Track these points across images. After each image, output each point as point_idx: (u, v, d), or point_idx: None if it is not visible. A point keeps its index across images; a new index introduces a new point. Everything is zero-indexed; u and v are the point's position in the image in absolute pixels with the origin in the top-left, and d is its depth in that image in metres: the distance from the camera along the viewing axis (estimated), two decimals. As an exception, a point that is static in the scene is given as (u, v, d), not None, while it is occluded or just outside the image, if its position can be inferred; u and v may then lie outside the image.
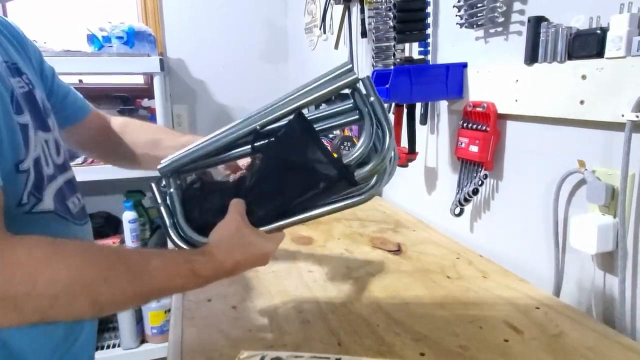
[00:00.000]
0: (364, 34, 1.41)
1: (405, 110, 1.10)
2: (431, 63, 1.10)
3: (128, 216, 1.90)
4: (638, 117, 0.62)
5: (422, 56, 1.09)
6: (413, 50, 1.18)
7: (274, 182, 0.61)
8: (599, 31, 0.67)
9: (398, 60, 1.18)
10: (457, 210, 1.03)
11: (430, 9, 1.05)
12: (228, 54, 2.34)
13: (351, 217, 1.23)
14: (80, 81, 2.12)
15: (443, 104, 1.11)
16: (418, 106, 1.13)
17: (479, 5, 0.89)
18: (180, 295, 0.78)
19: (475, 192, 0.97)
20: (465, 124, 0.97)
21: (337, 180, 0.58)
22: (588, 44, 0.69)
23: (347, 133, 1.36)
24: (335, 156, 0.58)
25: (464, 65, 0.98)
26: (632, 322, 0.69)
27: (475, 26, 0.93)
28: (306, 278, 0.86)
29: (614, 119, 0.66)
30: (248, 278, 0.85)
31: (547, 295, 0.78)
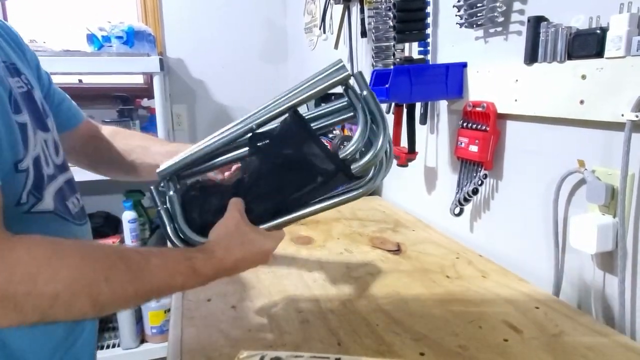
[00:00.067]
0: (364, 34, 1.42)
1: (405, 110, 1.10)
2: (431, 63, 1.10)
3: (128, 216, 1.90)
4: (638, 117, 0.62)
5: (422, 56, 1.09)
6: (413, 50, 1.18)
7: (272, 179, 0.61)
8: (599, 31, 0.67)
9: (398, 60, 1.18)
10: (457, 210, 1.03)
11: (430, 9, 1.05)
12: (228, 54, 2.34)
13: (351, 217, 1.23)
14: (80, 81, 2.12)
15: (443, 104, 1.11)
16: (418, 106, 1.13)
17: (479, 5, 0.89)
18: (179, 295, 0.78)
19: (475, 192, 0.97)
20: (465, 124, 0.97)
21: (334, 173, 0.58)
22: (588, 44, 0.69)
23: (347, 133, 1.36)
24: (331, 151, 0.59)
25: (464, 65, 0.98)
26: (632, 322, 0.69)
27: (475, 26, 0.93)
28: (306, 278, 0.86)
29: (614, 119, 0.66)
30: (247, 278, 0.85)
31: (547, 294, 0.78)
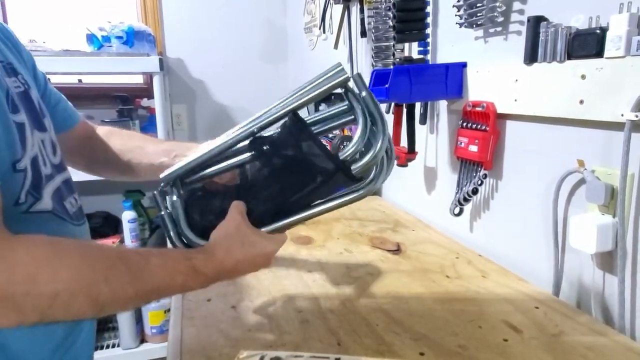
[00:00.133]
0: (364, 34, 1.42)
1: (404, 110, 1.10)
2: (431, 63, 1.10)
3: (127, 216, 1.90)
4: (637, 117, 0.62)
5: (422, 56, 1.09)
6: (412, 50, 1.18)
7: (272, 180, 0.61)
8: (599, 31, 0.67)
9: (397, 60, 1.18)
10: (457, 209, 1.03)
11: (429, 9, 1.06)
12: (228, 54, 2.34)
13: (351, 217, 1.23)
14: (79, 81, 2.12)
15: (442, 104, 1.11)
16: (417, 106, 1.13)
17: (479, 5, 0.89)
18: (179, 295, 0.78)
19: (474, 192, 0.97)
20: (464, 124, 0.97)
21: (334, 172, 0.58)
22: (587, 44, 0.69)
23: (347, 133, 1.36)
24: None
25: (464, 65, 0.98)
26: (631, 322, 0.69)
27: (474, 26, 0.93)
28: (305, 278, 0.86)
29: (614, 119, 0.66)
30: (247, 278, 0.84)
31: (547, 294, 0.78)
